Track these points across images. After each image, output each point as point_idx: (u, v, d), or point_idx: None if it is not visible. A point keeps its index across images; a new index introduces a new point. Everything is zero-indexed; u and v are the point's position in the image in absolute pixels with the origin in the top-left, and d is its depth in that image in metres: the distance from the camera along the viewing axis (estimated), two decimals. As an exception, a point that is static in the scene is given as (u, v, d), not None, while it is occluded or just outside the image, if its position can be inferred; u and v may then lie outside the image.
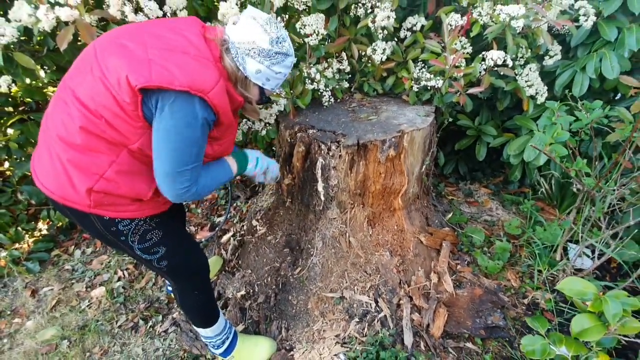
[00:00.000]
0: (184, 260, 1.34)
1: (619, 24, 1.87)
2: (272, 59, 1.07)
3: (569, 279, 1.12)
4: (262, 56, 1.06)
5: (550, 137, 1.26)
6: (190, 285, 1.41)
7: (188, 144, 1.04)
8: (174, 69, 0.96)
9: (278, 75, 1.13)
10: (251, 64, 1.08)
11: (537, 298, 1.81)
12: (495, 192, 2.63)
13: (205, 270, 1.46)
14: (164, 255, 1.26)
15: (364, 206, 1.79)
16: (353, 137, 1.60)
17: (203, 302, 1.47)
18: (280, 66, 1.11)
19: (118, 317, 2.08)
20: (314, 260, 1.83)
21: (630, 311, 1.05)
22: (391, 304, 1.74)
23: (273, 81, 1.15)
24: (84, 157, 1.03)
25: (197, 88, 0.98)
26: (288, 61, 1.12)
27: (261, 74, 1.10)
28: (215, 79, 1.02)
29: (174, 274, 1.36)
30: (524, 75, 1.93)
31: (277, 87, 1.20)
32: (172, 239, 1.29)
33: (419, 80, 1.81)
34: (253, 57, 1.06)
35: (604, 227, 1.79)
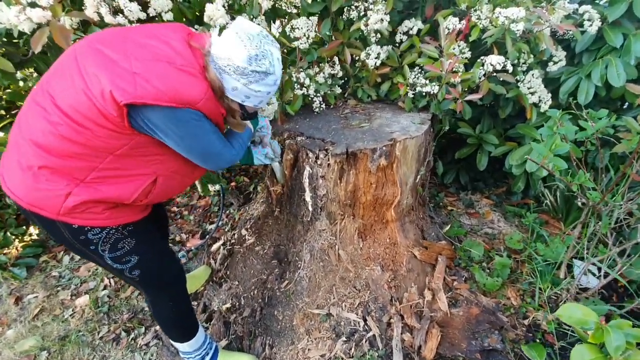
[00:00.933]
0: (157, 270, 1.28)
1: (624, 30, 1.77)
2: (249, 77, 1.02)
3: (568, 305, 1.02)
4: (238, 74, 1.01)
5: (548, 149, 1.17)
6: (164, 296, 1.34)
7: (206, 138, 1.07)
8: (159, 84, 0.92)
9: (258, 93, 1.07)
10: (227, 80, 1.03)
11: (539, 319, 1.70)
12: (497, 203, 2.52)
13: (181, 281, 1.39)
14: (136, 264, 1.20)
15: (355, 217, 1.71)
16: (342, 146, 1.52)
17: (178, 315, 1.40)
18: (259, 85, 1.04)
19: (100, 327, 2.01)
20: (301, 273, 1.75)
21: (634, 343, 0.95)
22: (381, 322, 1.64)
23: (254, 99, 1.09)
24: (64, 162, 0.99)
25: (184, 102, 0.95)
26: (269, 80, 1.05)
27: (238, 92, 1.05)
28: (203, 91, 0.99)
29: (147, 284, 1.30)
30: (526, 81, 1.84)
31: (261, 104, 1.14)
32: (145, 247, 1.22)
33: (415, 86, 1.72)
34: (229, 73, 1.01)
35: (610, 243, 1.67)
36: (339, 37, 1.80)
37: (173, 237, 2.51)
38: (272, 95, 1.13)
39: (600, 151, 1.68)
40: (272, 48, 1.03)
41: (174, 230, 2.58)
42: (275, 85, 1.09)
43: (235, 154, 1.22)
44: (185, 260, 2.32)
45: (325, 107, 1.90)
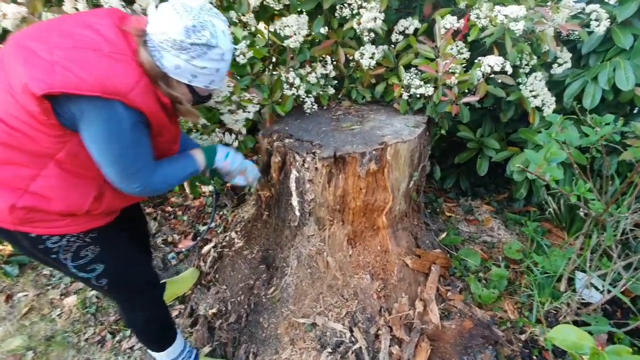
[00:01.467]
0: (127, 278, 1.23)
1: (635, 31, 1.68)
2: (190, 52, 0.91)
3: (560, 327, 0.94)
4: (177, 49, 0.91)
5: (543, 157, 1.08)
6: (135, 304, 1.29)
7: (124, 150, 0.96)
8: (80, 71, 0.84)
9: (205, 70, 0.96)
10: (168, 58, 0.93)
11: (536, 334, 1.61)
12: (498, 210, 2.43)
13: (154, 288, 1.33)
14: (103, 273, 1.15)
15: (344, 223, 1.64)
16: (330, 149, 1.46)
17: (152, 324, 1.34)
18: (203, 60, 0.94)
19: (86, 329, 1.98)
20: (288, 280, 1.69)
21: (635, 373, 0.86)
22: (368, 334, 1.57)
23: (202, 77, 0.99)
24: (3, 171, 0.93)
25: (111, 91, 0.86)
26: (214, 54, 0.94)
27: (182, 70, 0.95)
28: (134, 77, 0.90)
29: (117, 293, 1.25)
30: (528, 84, 1.75)
31: (213, 84, 1.03)
32: (112, 255, 1.17)
33: (410, 87, 1.65)
34: (167, 49, 0.91)
35: (615, 256, 1.58)
36: (332, 36, 1.74)
37: (165, 238, 2.48)
38: (224, 72, 1.02)
39: (606, 159, 1.59)
40: (213, 19, 0.93)
41: (166, 231, 2.54)
42: (224, 61, 0.99)
43: (156, 183, 1.07)
44: (175, 262, 2.29)
45: (318, 109, 1.84)
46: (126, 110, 0.90)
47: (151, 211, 2.70)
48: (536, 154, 1.13)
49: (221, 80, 1.05)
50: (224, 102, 1.52)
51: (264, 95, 1.59)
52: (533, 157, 1.13)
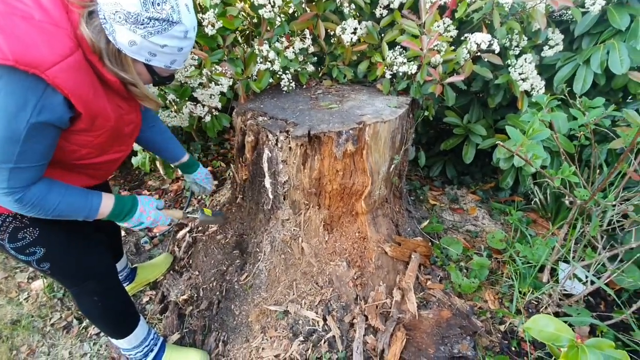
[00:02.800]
0: (73, 264, 1.13)
1: (632, 11, 1.59)
2: (147, 27, 0.80)
3: (537, 317, 0.88)
4: (132, 22, 0.79)
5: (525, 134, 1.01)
6: (86, 290, 1.20)
7: (5, 138, 0.78)
8: (3, 36, 0.72)
9: (166, 49, 0.86)
10: (121, 32, 0.81)
11: (516, 325, 1.56)
12: (484, 199, 2.37)
13: (107, 274, 1.24)
14: (43, 257, 1.06)
15: (320, 208, 1.56)
16: (304, 127, 1.37)
17: (107, 310, 1.26)
18: (164, 37, 0.83)
19: (52, 314, 1.90)
20: (261, 266, 1.61)
21: (615, 367, 0.80)
22: (342, 322, 1.50)
23: (162, 57, 0.88)
24: None
25: (27, 62, 0.73)
26: (176, 31, 0.84)
27: (138, 47, 0.84)
28: (63, 50, 0.77)
29: (62, 278, 1.16)
30: (517, 66, 1.67)
31: (175, 64, 0.93)
32: (54, 240, 1.07)
33: (393, 65, 1.56)
34: (120, 23, 0.80)
35: (600, 247, 1.52)
36: (312, 8, 1.63)
37: (140, 222, 2.38)
38: (187, 51, 0.91)
39: (595, 146, 1.52)
40: None
41: (141, 215, 2.45)
42: (188, 40, 0.88)
43: (18, 200, 0.86)
44: (149, 247, 2.20)
45: (297, 87, 1.74)
46: (37, 90, 0.76)
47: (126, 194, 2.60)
48: (518, 132, 1.05)
49: (184, 59, 0.95)
50: (194, 76, 1.42)
51: (237, 70, 1.49)
52: (515, 134, 1.05)
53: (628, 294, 1.68)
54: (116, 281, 1.28)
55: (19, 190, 0.86)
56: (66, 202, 0.95)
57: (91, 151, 0.98)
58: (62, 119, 0.83)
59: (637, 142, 1.28)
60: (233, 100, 1.66)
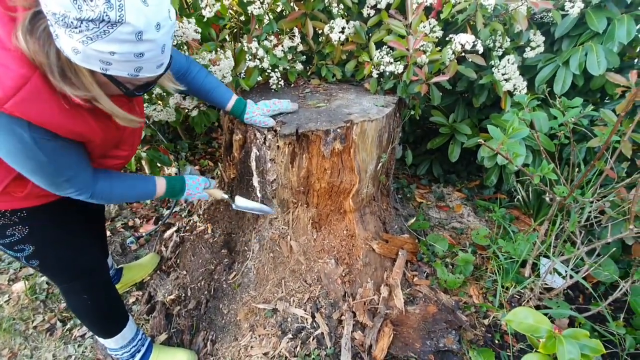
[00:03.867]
0: (62, 262, 1.13)
1: (609, 14, 1.65)
2: (83, 31, 0.64)
3: (517, 309, 0.91)
4: (64, 26, 0.64)
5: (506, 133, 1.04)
6: (76, 288, 1.19)
7: (40, 166, 0.81)
8: None
9: (118, 56, 0.69)
10: (62, 38, 0.66)
11: (499, 319, 1.60)
12: (469, 197, 2.42)
13: (97, 273, 1.23)
14: (33, 254, 1.05)
15: (309, 206, 1.57)
16: (292, 126, 1.37)
17: (95, 308, 1.25)
18: (107, 42, 0.66)
19: (35, 316, 1.86)
20: (249, 265, 1.61)
21: (592, 357, 0.84)
22: (331, 319, 1.52)
23: (119, 65, 0.71)
24: None
25: None
26: (121, 33, 0.65)
27: (83, 55, 0.68)
28: (14, 82, 0.68)
29: (52, 275, 1.16)
30: (500, 67, 1.71)
31: (143, 72, 0.75)
32: (44, 237, 1.06)
33: (380, 65, 1.58)
34: (56, 26, 0.66)
35: (579, 242, 1.58)
36: (301, 7, 1.63)
37: (126, 222, 2.35)
38: (154, 57, 0.74)
39: (574, 144, 1.57)
40: None
41: (127, 215, 2.42)
42: (147, 42, 0.69)
43: (100, 194, 1.00)
44: (135, 247, 2.17)
45: (285, 86, 1.75)
46: (16, 121, 0.72)
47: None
48: (498, 130, 1.08)
49: (157, 65, 0.77)
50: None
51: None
52: (495, 133, 1.08)
53: (605, 286, 1.75)
54: (106, 279, 1.27)
55: (86, 190, 0.96)
56: (130, 190, 1.09)
57: (97, 154, 0.98)
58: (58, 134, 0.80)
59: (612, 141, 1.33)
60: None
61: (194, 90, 1.29)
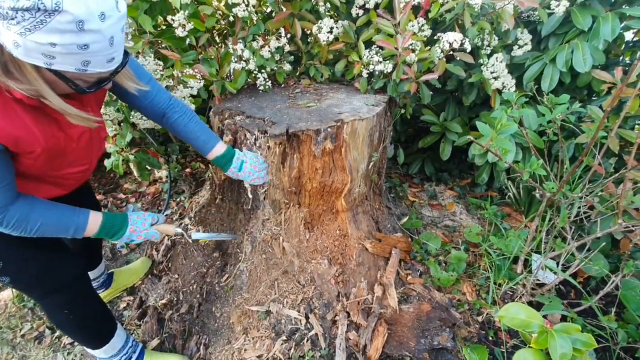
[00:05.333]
0: (35, 276, 1.06)
1: (594, 12, 1.67)
2: (20, 22, 0.61)
3: (509, 305, 0.91)
4: (2, 18, 0.62)
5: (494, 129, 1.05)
6: (55, 302, 1.14)
7: None
8: None
9: (60, 48, 0.65)
10: (3, 33, 0.64)
11: (492, 315, 1.61)
12: (461, 195, 2.43)
13: (74, 285, 1.17)
14: (1, 271, 1.00)
15: (300, 206, 1.56)
16: (283, 126, 1.36)
17: (79, 322, 1.21)
18: (45, 33, 0.63)
19: (23, 324, 1.82)
20: (242, 267, 1.60)
21: (584, 351, 0.84)
22: (325, 320, 1.51)
23: (63, 59, 0.67)
24: None
25: None
26: (57, 22, 0.62)
27: (25, 49, 0.65)
28: None
29: (27, 291, 1.11)
30: (489, 65, 1.72)
31: (91, 66, 0.71)
32: (11, 252, 1.01)
33: (369, 64, 1.58)
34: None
35: (569, 237, 1.59)
36: (288, 7, 1.63)
37: (116, 226, 2.32)
38: (100, 49, 0.70)
39: (561, 140, 1.59)
40: None
41: (117, 219, 2.38)
42: (90, 33, 0.66)
43: (17, 220, 0.87)
44: (125, 252, 2.14)
45: (275, 87, 1.74)
46: None
47: (101, 198, 2.52)
48: (487, 127, 1.09)
49: (107, 59, 0.73)
50: (161, 79, 1.39)
51: (212, 70, 1.47)
52: (484, 129, 1.09)
53: (595, 281, 1.77)
54: (87, 291, 1.23)
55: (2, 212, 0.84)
56: (50, 221, 0.93)
57: (42, 169, 0.92)
58: None
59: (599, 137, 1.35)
60: (210, 100, 1.64)
61: (174, 133, 1.23)
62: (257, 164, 1.32)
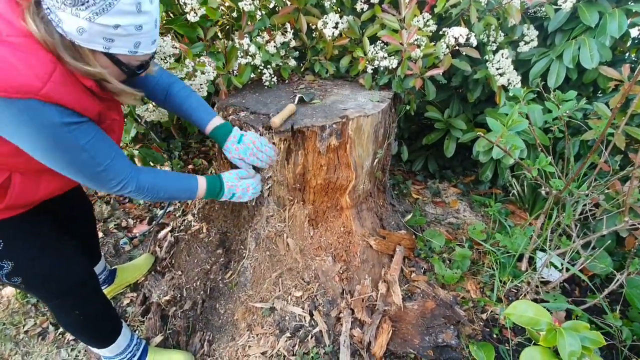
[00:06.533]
0: (46, 276, 1.06)
1: (601, 8, 1.66)
2: (90, 7, 0.68)
3: (517, 303, 0.91)
4: (70, 5, 0.68)
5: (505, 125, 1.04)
6: (64, 305, 1.14)
7: (75, 156, 0.82)
8: None
9: (120, 30, 0.73)
10: (66, 20, 0.70)
11: (497, 313, 1.60)
12: (465, 192, 2.42)
13: (86, 286, 1.17)
14: (13, 271, 0.99)
15: (305, 203, 1.55)
16: (287, 122, 1.35)
17: (88, 322, 1.20)
18: (111, 15, 0.71)
19: (26, 320, 1.82)
20: (246, 263, 1.59)
21: (592, 348, 0.84)
22: (329, 317, 1.51)
23: (121, 41, 0.76)
24: None
25: (17, 90, 0.69)
26: (123, 4, 0.70)
27: (89, 34, 0.72)
28: (44, 68, 0.71)
29: (38, 292, 1.09)
30: (495, 61, 1.71)
31: (141, 47, 0.80)
32: (23, 252, 1.00)
33: (374, 60, 1.57)
34: (62, 9, 0.69)
35: (574, 235, 1.58)
36: (293, 2, 1.61)
37: (119, 222, 2.31)
38: (150, 29, 0.78)
39: (568, 138, 1.58)
40: None
41: (120, 215, 2.38)
42: (144, 14, 0.75)
43: (143, 183, 0.98)
44: (128, 248, 2.13)
45: (279, 83, 1.73)
46: (50, 108, 0.74)
47: (103, 194, 2.51)
48: (497, 123, 1.08)
49: (152, 41, 0.81)
50: (178, 67, 1.38)
51: (219, 64, 1.46)
52: (494, 125, 1.08)
53: (600, 279, 1.76)
54: (97, 290, 1.23)
55: (130, 180, 0.95)
56: (173, 184, 1.07)
57: None
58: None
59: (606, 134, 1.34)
60: (214, 95, 1.63)
61: (174, 109, 1.24)
62: (257, 140, 1.26)
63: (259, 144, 1.26)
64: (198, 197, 1.16)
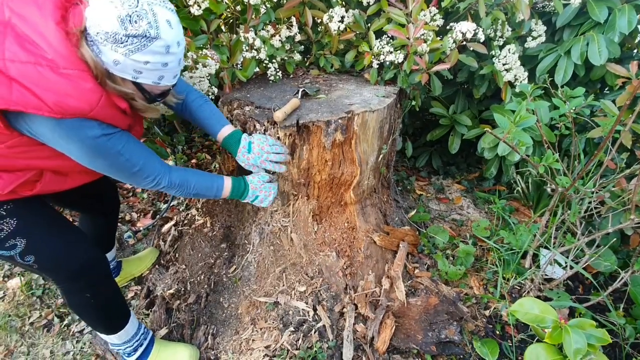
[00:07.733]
0: (60, 257, 1.09)
1: (610, 4, 1.63)
2: (127, 45, 0.83)
3: (523, 300, 0.91)
4: (112, 42, 0.82)
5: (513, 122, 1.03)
6: (77, 286, 1.16)
7: (113, 161, 0.97)
8: (40, 92, 0.80)
9: (149, 65, 0.88)
10: (106, 52, 0.84)
11: (500, 310, 1.61)
12: (469, 189, 2.42)
13: (98, 268, 1.20)
14: (26, 249, 1.02)
15: (309, 198, 1.55)
16: (292, 117, 1.35)
17: (99, 306, 1.22)
18: (144, 53, 0.85)
19: (32, 312, 1.83)
20: (250, 258, 1.60)
21: (598, 346, 0.84)
22: (332, 312, 1.51)
23: (148, 73, 0.90)
24: None
25: (72, 112, 0.84)
26: (156, 46, 0.85)
27: (122, 66, 0.86)
28: (94, 96, 0.86)
29: (50, 273, 1.12)
30: (501, 57, 1.69)
31: (164, 80, 0.94)
32: (35, 229, 1.04)
33: (380, 55, 1.55)
34: (103, 44, 0.83)
35: (579, 233, 1.58)
36: (299, -4, 1.60)
37: (123, 216, 2.32)
38: (174, 67, 0.94)
39: (575, 135, 1.56)
40: (155, 7, 0.84)
41: (124, 209, 2.38)
42: (171, 54, 0.89)
43: (174, 180, 1.12)
44: (132, 242, 2.14)
45: (284, 77, 1.72)
46: (91, 123, 0.88)
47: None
48: (505, 119, 1.07)
49: (173, 75, 0.97)
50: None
51: (223, 57, 1.45)
52: (502, 121, 1.07)
53: (604, 276, 1.76)
54: (108, 274, 1.24)
55: (162, 177, 1.08)
56: (201, 181, 1.20)
57: None
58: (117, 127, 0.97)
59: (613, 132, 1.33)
60: (218, 89, 1.62)
61: (189, 118, 1.33)
62: (265, 144, 1.31)
63: (267, 147, 1.32)
64: (224, 196, 1.27)
